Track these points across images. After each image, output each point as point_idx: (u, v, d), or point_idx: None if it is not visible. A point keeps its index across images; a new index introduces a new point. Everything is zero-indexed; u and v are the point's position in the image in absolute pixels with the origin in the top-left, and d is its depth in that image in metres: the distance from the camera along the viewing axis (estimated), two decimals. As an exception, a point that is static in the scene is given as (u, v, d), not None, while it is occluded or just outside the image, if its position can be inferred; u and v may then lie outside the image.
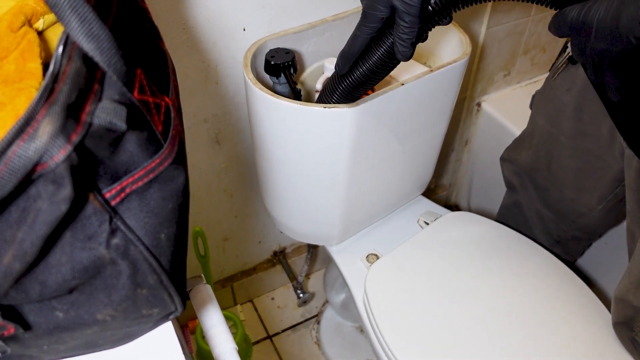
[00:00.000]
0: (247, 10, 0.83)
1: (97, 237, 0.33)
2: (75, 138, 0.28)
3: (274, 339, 1.37)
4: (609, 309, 0.86)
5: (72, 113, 0.28)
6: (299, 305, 1.40)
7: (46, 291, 0.32)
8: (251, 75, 0.76)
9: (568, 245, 1.05)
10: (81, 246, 0.32)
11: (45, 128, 0.26)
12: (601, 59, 0.49)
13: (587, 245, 1.15)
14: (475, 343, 0.83)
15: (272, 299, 1.44)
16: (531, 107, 1.01)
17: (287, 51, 0.80)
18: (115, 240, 0.33)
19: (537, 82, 1.35)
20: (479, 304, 0.87)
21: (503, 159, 1.11)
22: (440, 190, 1.56)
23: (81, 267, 0.33)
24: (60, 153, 0.27)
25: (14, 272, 0.30)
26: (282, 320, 1.40)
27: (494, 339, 0.83)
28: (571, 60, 0.84)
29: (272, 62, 0.78)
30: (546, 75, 1.37)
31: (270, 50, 0.81)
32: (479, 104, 1.33)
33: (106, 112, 0.29)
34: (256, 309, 1.42)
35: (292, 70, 0.79)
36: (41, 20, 0.43)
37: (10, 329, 0.32)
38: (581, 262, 1.26)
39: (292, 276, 1.37)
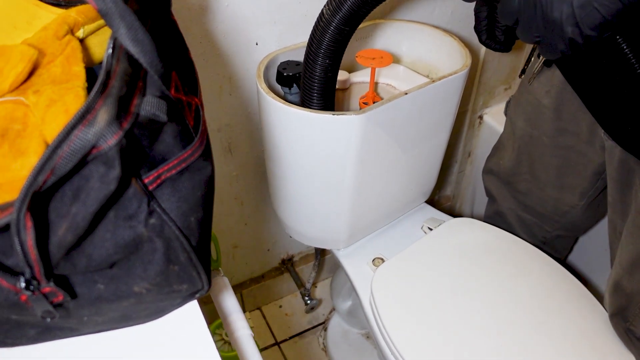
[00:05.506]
0: (260, 25, 0.88)
1: (137, 216, 0.37)
2: (126, 125, 0.32)
3: (282, 345, 1.40)
4: (604, 306, 0.90)
5: (123, 105, 0.33)
6: (307, 312, 1.43)
7: (91, 264, 0.37)
8: (264, 85, 0.81)
9: (554, 245, 1.09)
10: (123, 224, 0.37)
11: (103, 116, 0.31)
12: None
13: (573, 242, 1.19)
14: (480, 342, 0.86)
15: (280, 306, 1.47)
16: (506, 113, 1.05)
17: (298, 63, 0.85)
18: (152, 220, 0.38)
19: (537, 95, 1.40)
20: (481, 305, 0.91)
21: (485, 172, 1.15)
22: (444, 201, 1.60)
23: (123, 243, 0.37)
24: (114, 137, 0.31)
25: (66, 243, 0.34)
26: (289, 327, 1.44)
27: (498, 337, 0.86)
28: (546, 64, 0.87)
29: (285, 74, 0.83)
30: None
31: (282, 62, 0.87)
32: (480, 117, 1.37)
33: (150, 105, 0.34)
34: (264, 316, 1.45)
35: (303, 81, 0.84)
36: (81, 30, 0.49)
37: (60, 295, 0.36)
38: (577, 262, 1.30)
39: (299, 284, 1.41)
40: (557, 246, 1.11)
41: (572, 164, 0.94)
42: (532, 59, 0.93)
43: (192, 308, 0.47)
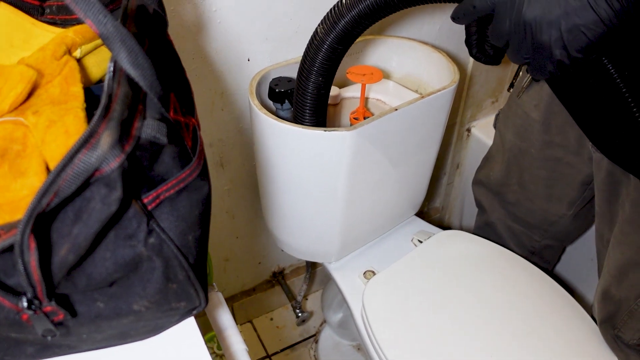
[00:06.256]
0: (251, 42, 0.89)
1: (137, 236, 0.38)
2: (128, 148, 0.33)
3: (273, 358, 1.40)
4: (591, 315, 0.92)
5: (125, 128, 0.33)
6: (298, 325, 1.43)
7: (92, 283, 0.37)
8: (257, 102, 0.82)
9: (542, 255, 1.12)
10: (123, 244, 0.37)
11: (106, 139, 0.32)
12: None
13: (561, 251, 1.21)
14: (471, 353, 0.87)
15: (271, 319, 1.48)
16: (495, 126, 1.07)
17: (290, 79, 0.87)
18: (152, 240, 0.38)
19: (524, 109, 1.42)
20: (472, 316, 0.92)
21: (475, 183, 1.17)
22: (434, 213, 1.61)
23: (123, 262, 0.38)
24: (116, 160, 0.32)
25: (68, 263, 0.35)
26: (280, 340, 1.44)
27: (489, 348, 0.88)
28: (535, 78, 0.89)
29: (277, 90, 0.84)
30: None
31: (274, 79, 0.88)
32: (468, 130, 1.39)
33: (151, 127, 0.35)
34: (255, 329, 1.45)
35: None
36: (79, 50, 0.50)
37: (61, 314, 0.37)
38: (564, 272, 1.31)
39: (290, 296, 1.41)
40: (546, 256, 1.13)
41: (560, 175, 0.96)
42: (520, 73, 0.96)
43: (189, 322, 0.48)
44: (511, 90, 1.00)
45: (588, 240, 1.18)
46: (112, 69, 0.37)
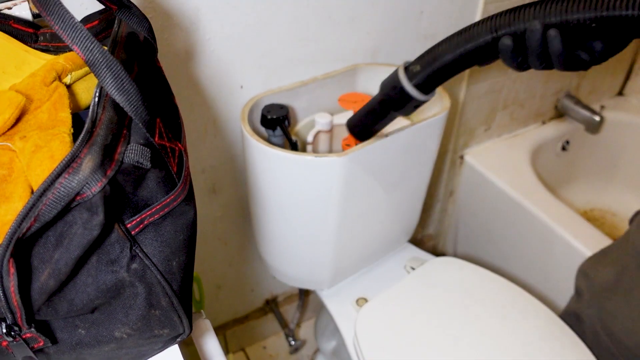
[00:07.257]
0: (245, 69, 0.90)
1: (119, 261, 0.38)
2: (110, 173, 0.33)
3: (265, 388, 1.38)
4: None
5: (108, 152, 0.34)
6: (291, 353, 1.41)
7: (73, 309, 0.37)
8: (249, 128, 0.82)
9: None
10: (105, 269, 0.37)
11: (87, 164, 0.32)
12: None
13: None
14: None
15: (264, 347, 1.46)
16: (631, 223, 0.92)
17: (282, 106, 0.87)
18: (135, 265, 0.38)
19: (517, 135, 1.43)
20: (463, 344, 0.91)
21: (582, 271, 1.01)
22: (427, 240, 1.61)
23: (105, 288, 0.37)
24: (98, 185, 0.32)
25: (48, 289, 0.35)
26: (273, 369, 1.42)
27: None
28: None
29: (269, 117, 0.84)
30: (525, 129, 1.45)
31: (266, 105, 0.88)
32: (462, 157, 1.40)
33: (134, 152, 0.35)
34: (248, 358, 1.43)
35: (286, 124, 0.86)
36: (69, 76, 0.50)
37: (41, 341, 0.36)
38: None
39: (283, 324, 1.39)
40: None
41: None
42: None
43: (172, 350, 0.47)
44: None
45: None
46: (97, 94, 0.37)
